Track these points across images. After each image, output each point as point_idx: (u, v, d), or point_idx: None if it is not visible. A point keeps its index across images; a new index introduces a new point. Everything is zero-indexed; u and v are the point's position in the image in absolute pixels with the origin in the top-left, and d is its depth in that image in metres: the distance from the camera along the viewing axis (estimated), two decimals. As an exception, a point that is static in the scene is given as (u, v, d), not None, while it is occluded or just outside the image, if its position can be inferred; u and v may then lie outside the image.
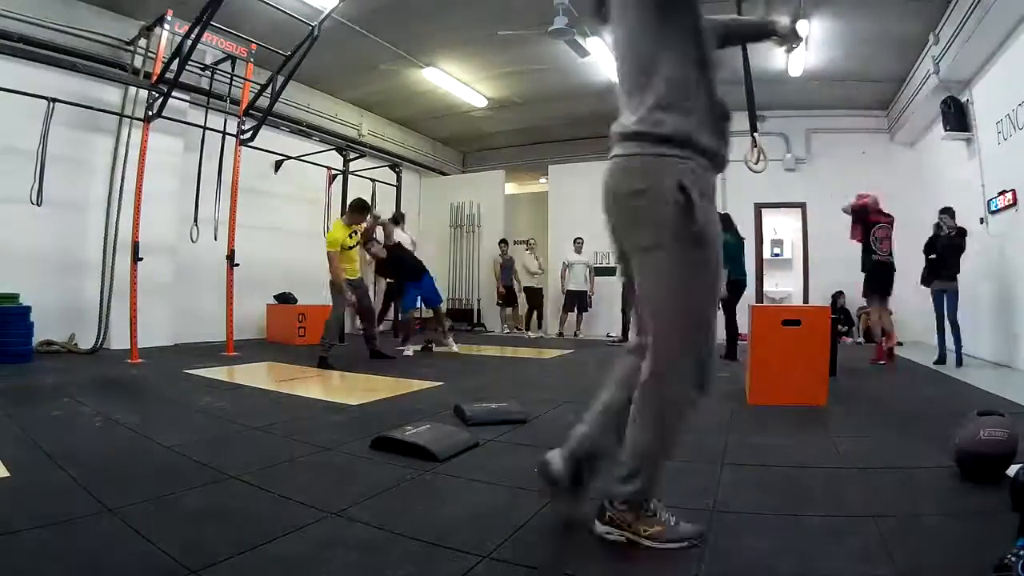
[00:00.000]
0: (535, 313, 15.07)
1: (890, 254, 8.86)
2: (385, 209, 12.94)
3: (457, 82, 12.89)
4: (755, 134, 8.22)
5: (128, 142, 9.07)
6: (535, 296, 14.94)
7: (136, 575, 2.05)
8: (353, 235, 8.31)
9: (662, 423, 2.23)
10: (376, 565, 2.15)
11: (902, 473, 3.23)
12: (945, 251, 8.38)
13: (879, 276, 8.86)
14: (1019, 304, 8.12)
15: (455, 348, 9.77)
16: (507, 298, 14.80)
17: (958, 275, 8.39)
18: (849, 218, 9.30)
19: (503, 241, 15.06)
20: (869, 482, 3.07)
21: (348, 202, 8.53)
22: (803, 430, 4.33)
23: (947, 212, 8.49)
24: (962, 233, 8.41)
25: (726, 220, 9.54)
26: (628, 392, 2.32)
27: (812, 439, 4.04)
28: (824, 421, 4.65)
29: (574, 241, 14.03)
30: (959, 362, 8.27)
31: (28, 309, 7.82)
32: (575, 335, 13.82)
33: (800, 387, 5.22)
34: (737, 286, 9.11)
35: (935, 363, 8.54)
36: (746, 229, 13.23)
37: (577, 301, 13.93)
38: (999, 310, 8.63)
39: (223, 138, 9.49)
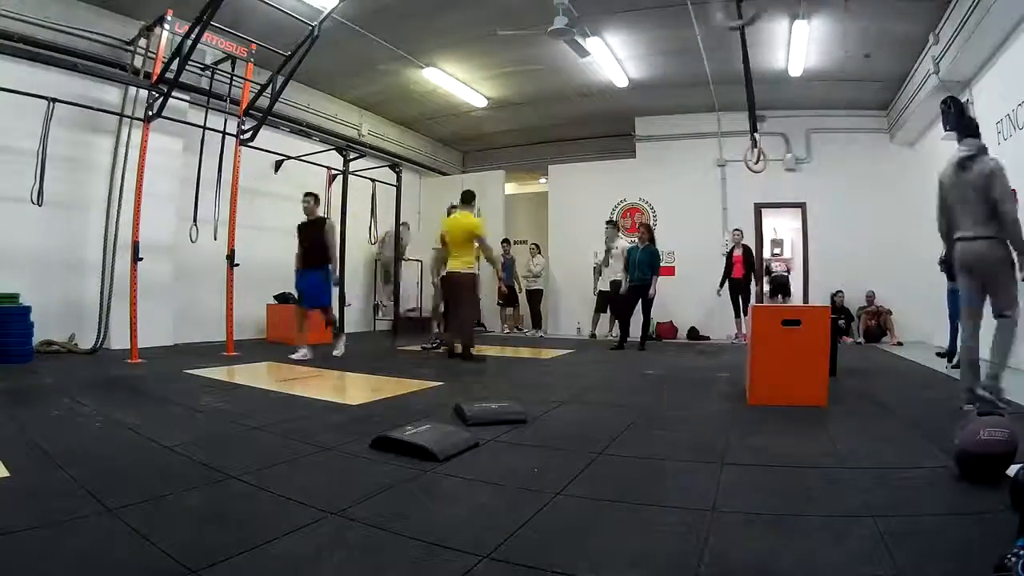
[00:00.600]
0: (535, 314, 14.97)
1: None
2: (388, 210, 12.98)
3: (457, 82, 12.90)
4: (755, 134, 8.28)
5: (128, 142, 9.09)
6: (535, 297, 14.90)
7: (136, 575, 2.05)
8: None
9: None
10: (376, 565, 2.16)
11: (902, 473, 3.23)
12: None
13: None
14: None
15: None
16: (508, 298, 14.78)
17: None
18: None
19: (505, 240, 15.05)
20: (869, 482, 3.07)
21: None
22: (803, 430, 4.33)
23: None
24: None
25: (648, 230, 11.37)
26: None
27: (812, 439, 4.03)
28: (824, 421, 4.65)
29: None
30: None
31: (28, 309, 7.82)
32: (592, 336, 13.52)
33: (800, 387, 5.22)
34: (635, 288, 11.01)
35: (937, 354, 8.77)
36: (746, 229, 13.30)
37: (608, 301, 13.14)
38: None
39: (223, 138, 9.48)
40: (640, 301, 11.15)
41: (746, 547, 2.30)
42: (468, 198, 9.26)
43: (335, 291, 9.36)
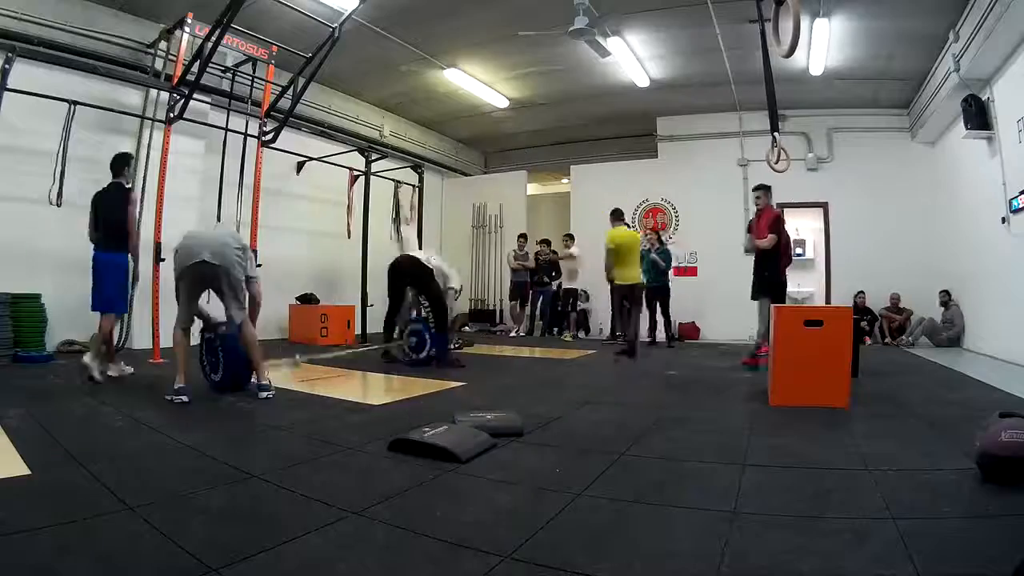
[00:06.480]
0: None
1: None
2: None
3: (478, 83, 12.92)
4: (776, 134, 8.22)
5: (150, 144, 9.16)
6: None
7: (157, 573, 2.07)
8: None
9: None
10: (397, 565, 2.17)
11: (923, 475, 3.20)
12: None
13: None
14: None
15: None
16: (515, 295, 14.63)
17: None
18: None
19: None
20: (890, 484, 3.04)
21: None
22: (825, 432, 4.30)
23: None
24: None
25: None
26: None
27: (834, 441, 4.01)
28: (846, 423, 4.62)
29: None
30: None
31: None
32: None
33: (822, 388, 5.18)
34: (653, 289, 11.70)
35: None
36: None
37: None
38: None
39: (244, 140, 9.52)
40: (658, 301, 11.96)
41: (766, 549, 2.29)
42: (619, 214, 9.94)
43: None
